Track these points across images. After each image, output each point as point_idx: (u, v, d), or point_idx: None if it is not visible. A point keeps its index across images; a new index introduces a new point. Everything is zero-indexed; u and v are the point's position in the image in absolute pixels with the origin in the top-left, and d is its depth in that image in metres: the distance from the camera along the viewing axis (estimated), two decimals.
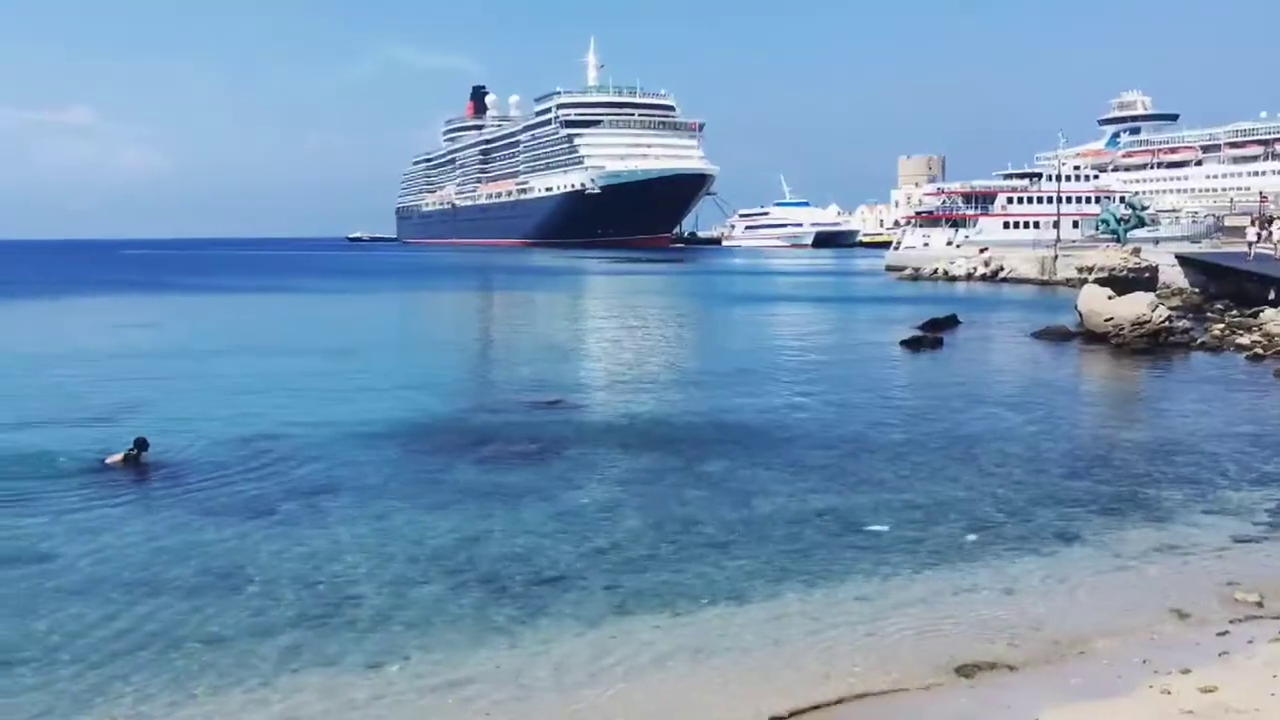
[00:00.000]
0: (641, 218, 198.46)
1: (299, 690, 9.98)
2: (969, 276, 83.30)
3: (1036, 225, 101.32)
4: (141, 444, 19.27)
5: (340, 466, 19.32)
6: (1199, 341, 37.16)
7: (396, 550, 14.23)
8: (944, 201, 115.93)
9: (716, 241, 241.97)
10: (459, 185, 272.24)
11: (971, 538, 14.88)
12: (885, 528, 15.36)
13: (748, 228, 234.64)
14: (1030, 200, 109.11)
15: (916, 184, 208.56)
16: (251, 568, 13.49)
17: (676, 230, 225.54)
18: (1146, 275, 57.98)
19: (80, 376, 31.70)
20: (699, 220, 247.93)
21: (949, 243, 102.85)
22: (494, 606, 12.18)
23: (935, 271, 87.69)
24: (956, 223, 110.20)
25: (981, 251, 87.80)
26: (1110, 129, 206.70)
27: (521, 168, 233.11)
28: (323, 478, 18.46)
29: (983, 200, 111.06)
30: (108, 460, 19.00)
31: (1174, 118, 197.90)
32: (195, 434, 22.06)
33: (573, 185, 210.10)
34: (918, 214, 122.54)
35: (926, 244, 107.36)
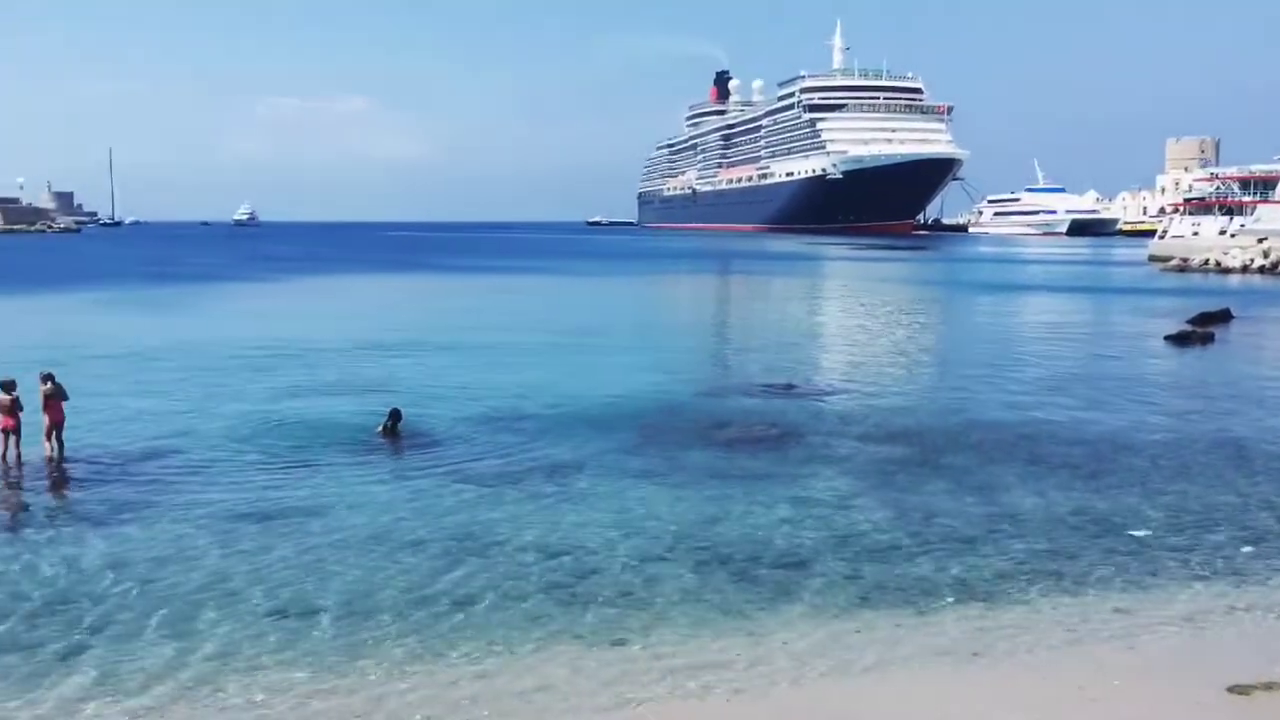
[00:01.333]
0: (884, 203, 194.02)
1: (547, 660, 10.27)
2: (1244, 268, 77.20)
3: None
4: (395, 415, 20.37)
5: (582, 443, 19.81)
6: None
7: (637, 528, 14.46)
8: (1217, 187, 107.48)
9: (962, 229, 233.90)
10: (700, 170, 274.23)
11: (1247, 549, 13.75)
12: (1147, 533, 14.42)
13: (996, 214, 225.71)
14: None
15: (1185, 168, 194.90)
16: (500, 536, 14.01)
17: (920, 217, 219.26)
18: None
19: (349, 349, 33.92)
20: (944, 206, 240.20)
21: (1222, 231, 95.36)
22: (734, 589, 12.18)
23: (1205, 262, 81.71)
24: (1231, 210, 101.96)
25: (1260, 241, 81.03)
26: None
27: (762, 153, 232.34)
28: (566, 453, 18.99)
29: (1262, 186, 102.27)
30: (378, 430, 20.19)
31: None
32: (447, 407, 23.19)
33: (813, 170, 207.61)
34: (1187, 201, 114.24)
35: (1196, 233, 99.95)
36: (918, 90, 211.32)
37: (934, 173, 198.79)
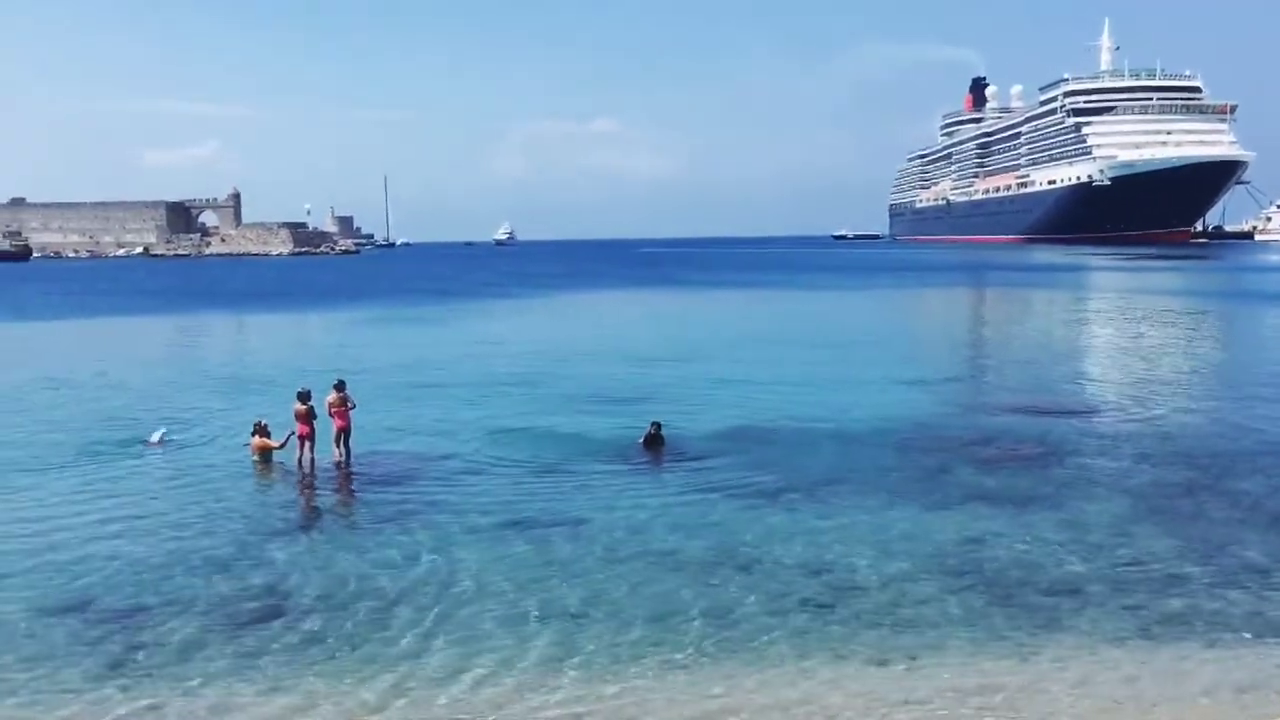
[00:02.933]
0: (1156, 211, 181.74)
1: (807, 676, 10.22)
2: None
3: None
4: (657, 427, 20.78)
5: (839, 459, 19.61)
6: None
7: (897, 547, 14.17)
8: None
9: (1247, 236, 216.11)
10: (954, 180, 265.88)
11: None
12: None
13: None
14: None
15: None
16: (758, 550, 14.05)
17: (1198, 224, 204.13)
18: None
19: (608, 362, 34.95)
20: (1226, 213, 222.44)
21: None
22: (1000, 614, 11.74)
23: None
24: None
25: None
26: None
27: (1022, 160, 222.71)
28: (822, 468, 18.84)
29: None
30: (639, 442, 20.67)
31: None
32: (704, 420, 23.46)
33: (1078, 177, 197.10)
34: None
35: None
36: (1195, 89, 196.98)
37: (1215, 176, 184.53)
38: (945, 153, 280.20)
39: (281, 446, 19.47)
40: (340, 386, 19.74)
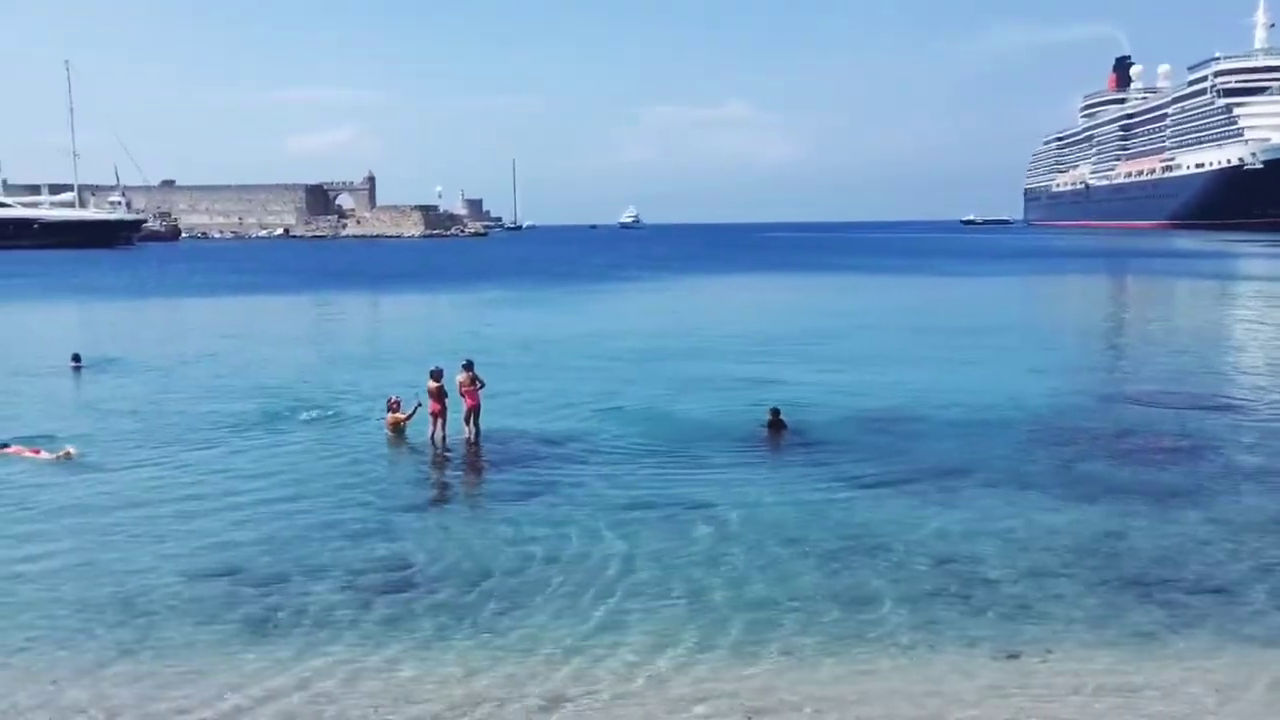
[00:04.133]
0: None
1: (938, 666, 10.04)
2: None
3: None
4: (777, 413, 20.61)
5: (970, 447, 19.18)
6: None
7: (1032, 539, 13.79)
8: None
9: None
10: (1094, 164, 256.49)
11: None
12: None
13: None
14: None
15: None
16: (885, 538, 13.85)
17: None
18: None
19: (732, 346, 34.87)
20: None
21: None
22: (1141, 611, 11.32)
23: None
24: None
25: None
26: None
27: (1167, 143, 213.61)
28: (951, 457, 18.45)
29: None
30: (762, 426, 20.57)
31: None
32: (829, 405, 23.23)
33: (1228, 160, 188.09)
34: None
35: None
36: None
37: None
38: (1085, 135, 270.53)
39: (410, 417, 19.97)
40: (469, 366, 20.11)
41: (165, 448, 19.70)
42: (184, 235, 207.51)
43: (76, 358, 30.38)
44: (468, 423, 20.01)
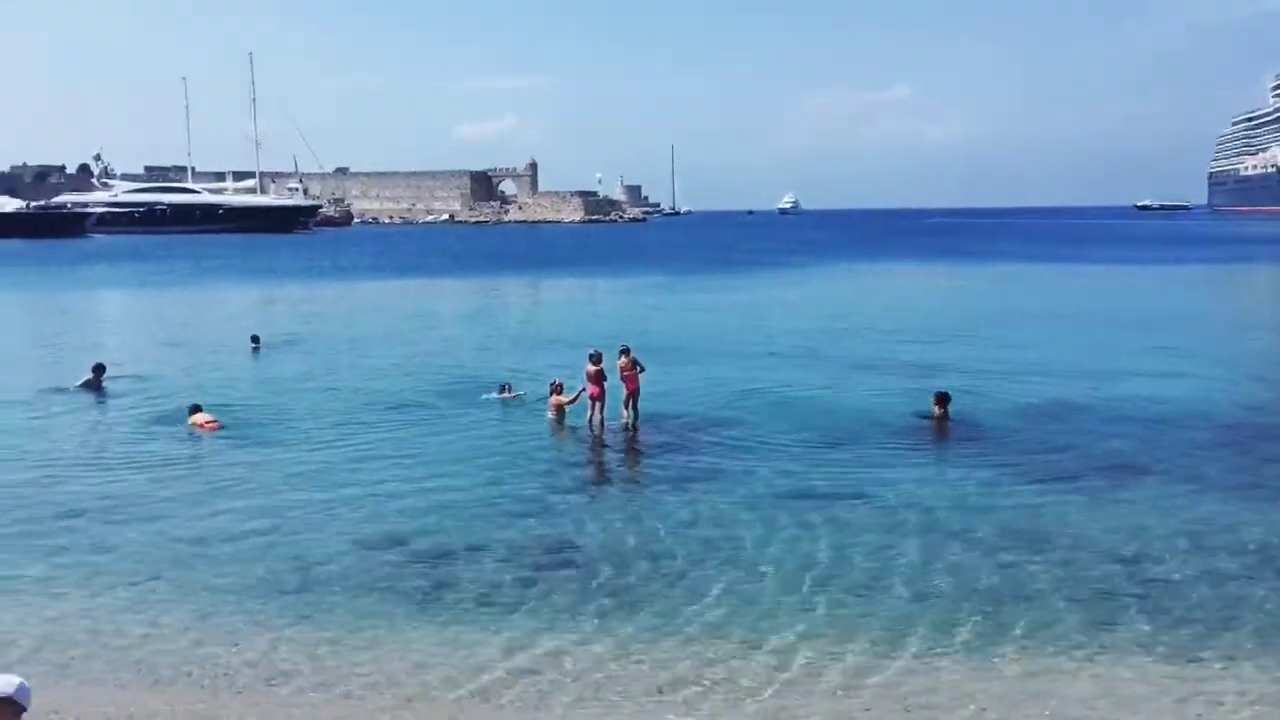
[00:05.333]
0: None
1: (1109, 667, 9.64)
2: None
3: None
4: (942, 399, 20.08)
5: (1144, 442, 18.33)
6: None
7: (1213, 541, 13.08)
8: None
9: None
10: None
11: None
12: None
13: None
14: None
15: None
16: (1055, 533, 13.36)
17: None
18: None
19: (894, 333, 34.21)
20: None
21: None
22: None
23: None
24: None
25: None
26: None
27: None
28: (1125, 452, 17.68)
29: None
30: (928, 415, 20.09)
31: None
32: (996, 394, 22.57)
33: None
34: None
35: None
36: None
37: None
38: (1276, 115, 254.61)
39: (573, 402, 20.27)
40: (627, 351, 20.28)
41: (337, 424, 20.52)
42: (356, 220, 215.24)
43: (255, 339, 31.91)
44: (627, 407, 20.19)
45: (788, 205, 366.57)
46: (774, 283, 61.93)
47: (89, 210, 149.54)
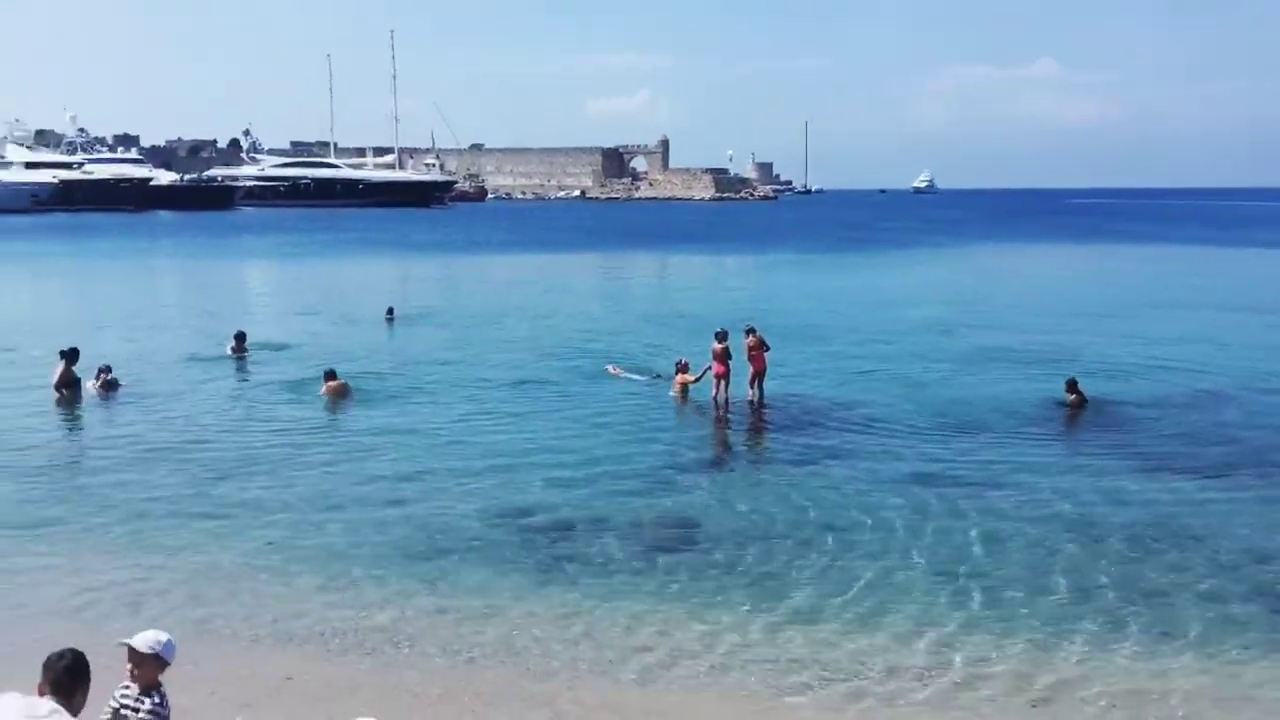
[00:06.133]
0: None
1: (1249, 669, 9.22)
2: None
3: None
4: (1073, 387, 19.39)
5: None
6: None
7: None
8: None
9: None
10: None
11: None
12: None
13: None
14: None
15: None
16: (1192, 529, 12.82)
17: None
18: None
19: (1029, 318, 33.23)
20: None
21: None
22: None
23: None
24: None
25: None
26: None
27: None
28: (1272, 446, 16.80)
29: None
30: (1062, 403, 19.46)
31: None
32: (1130, 382, 21.81)
33: None
34: None
35: None
36: None
37: None
38: None
39: (697, 380, 20.23)
40: (753, 330, 20.15)
41: (467, 396, 20.92)
42: (490, 196, 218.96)
43: (390, 310, 32.71)
44: (752, 385, 20.06)
45: (922, 184, 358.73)
46: (906, 263, 60.77)
47: (238, 184, 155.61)
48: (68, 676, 5.11)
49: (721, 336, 19.98)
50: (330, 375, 20.74)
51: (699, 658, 9.50)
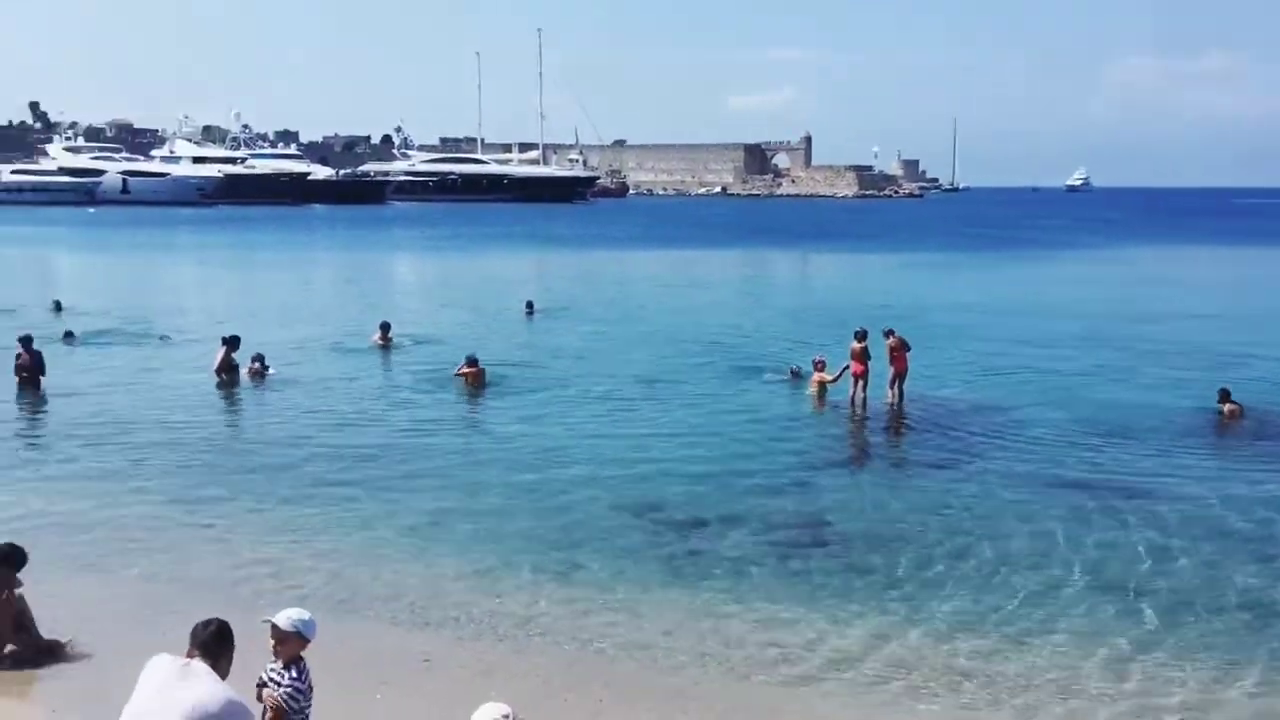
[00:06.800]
0: None
1: None
2: None
3: None
4: (1225, 395, 18.45)
5: None
6: None
7: None
8: None
9: None
10: None
11: None
12: None
13: None
14: None
15: None
16: None
17: None
18: None
19: (1179, 324, 31.79)
20: None
21: None
22: None
23: None
24: None
25: None
26: None
27: None
28: None
29: None
30: (1219, 412, 18.53)
31: None
32: None
33: None
34: None
35: None
36: None
37: None
38: None
39: (835, 380, 19.97)
40: (893, 332, 19.80)
41: (602, 390, 21.11)
42: (631, 192, 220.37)
43: (530, 304, 33.24)
44: (892, 386, 19.71)
45: (1077, 182, 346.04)
46: (1056, 263, 58.82)
47: (389, 179, 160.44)
48: (215, 641, 5.50)
49: (861, 336, 19.68)
50: (471, 361, 21.17)
51: (829, 660, 9.37)
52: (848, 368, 19.68)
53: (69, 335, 26.33)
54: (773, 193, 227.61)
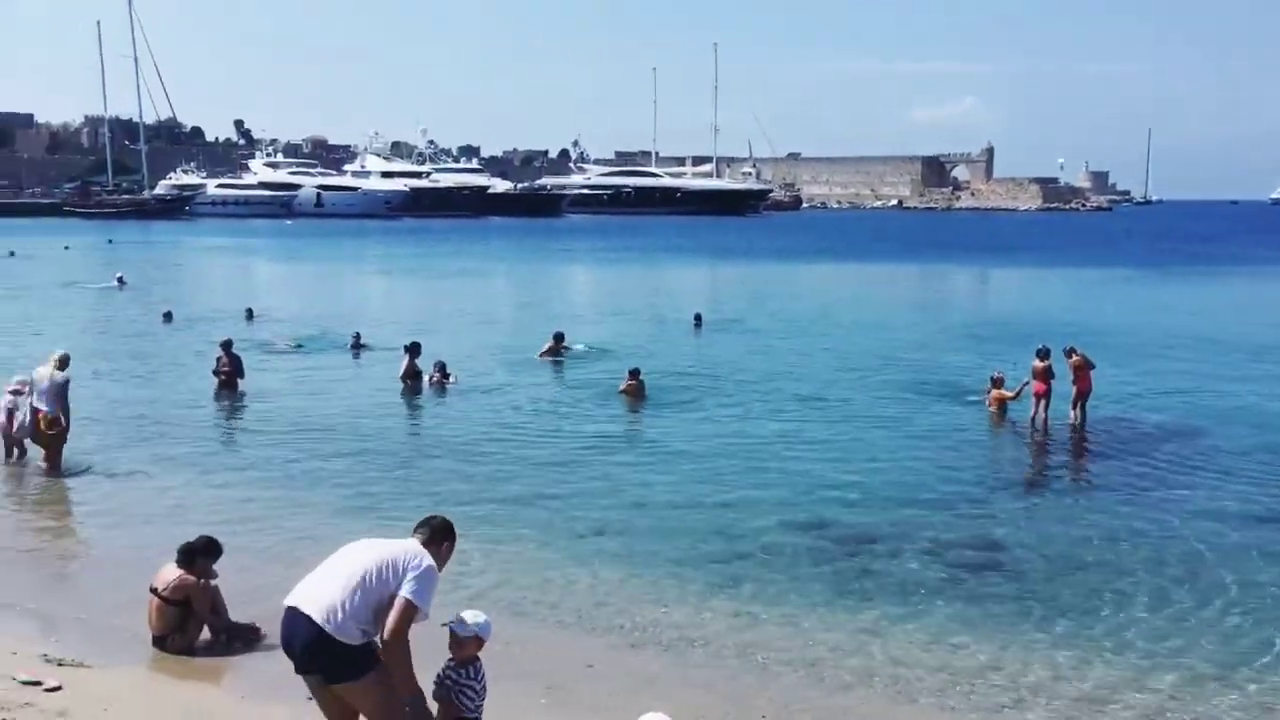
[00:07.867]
0: None
1: None
2: None
3: None
4: None
5: None
6: None
7: None
8: None
9: None
10: None
11: None
12: None
13: None
14: None
15: None
16: None
17: None
18: None
19: None
20: None
21: None
22: None
23: None
24: None
25: None
26: None
27: None
28: None
29: None
30: None
31: None
32: None
33: None
34: None
35: None
36: None
37: None
38: None
39: (1015, 397, 19.34)
40: (1074, 351, 19.04)
41: (770, 403, 21.00)
42: (804, 205, 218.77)
43: (698, 317, 33.33)
44: (1075, 407, 18.94)
45: None
46: (1258, 281, 55.39)
47: (565, 192, 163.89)
48: (442, 529, 6.67)
49: (1044, 354, 18.99)
50: (634, 374, 21.38)
51: (1000, 685, 9.05)
52: (1028, 383, 19.02)
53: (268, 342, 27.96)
54: (951, 206, 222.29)
